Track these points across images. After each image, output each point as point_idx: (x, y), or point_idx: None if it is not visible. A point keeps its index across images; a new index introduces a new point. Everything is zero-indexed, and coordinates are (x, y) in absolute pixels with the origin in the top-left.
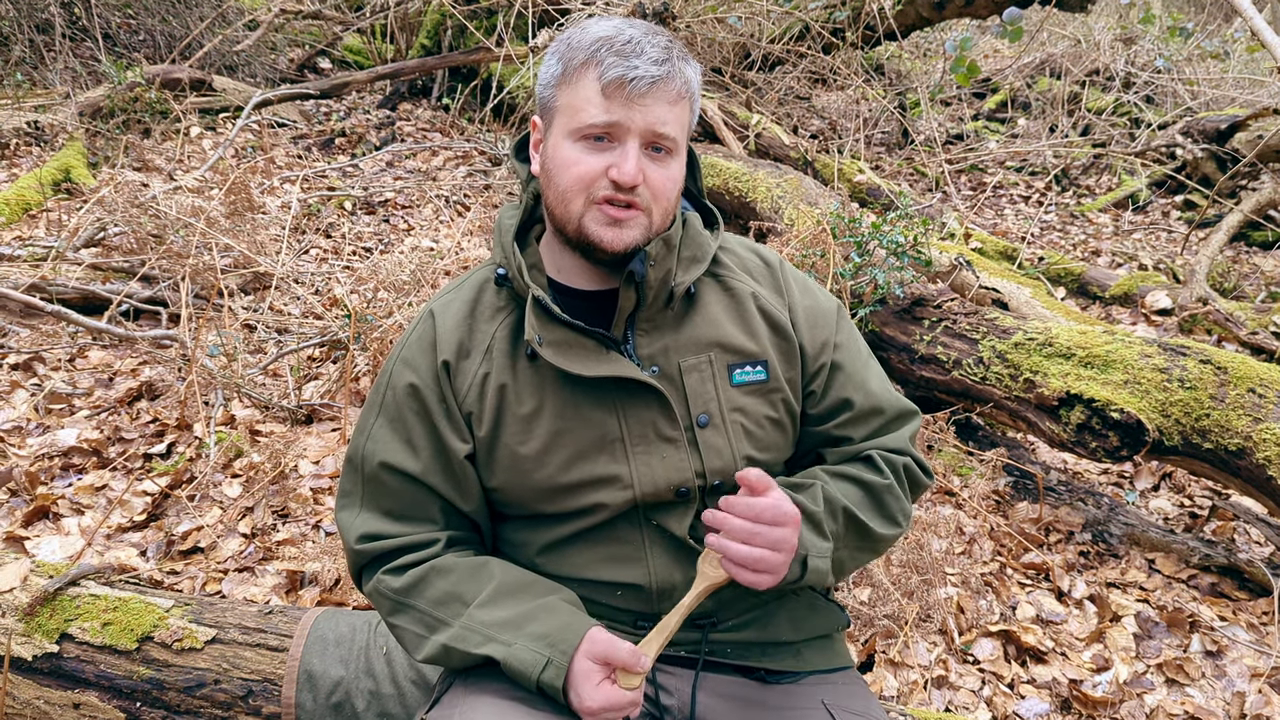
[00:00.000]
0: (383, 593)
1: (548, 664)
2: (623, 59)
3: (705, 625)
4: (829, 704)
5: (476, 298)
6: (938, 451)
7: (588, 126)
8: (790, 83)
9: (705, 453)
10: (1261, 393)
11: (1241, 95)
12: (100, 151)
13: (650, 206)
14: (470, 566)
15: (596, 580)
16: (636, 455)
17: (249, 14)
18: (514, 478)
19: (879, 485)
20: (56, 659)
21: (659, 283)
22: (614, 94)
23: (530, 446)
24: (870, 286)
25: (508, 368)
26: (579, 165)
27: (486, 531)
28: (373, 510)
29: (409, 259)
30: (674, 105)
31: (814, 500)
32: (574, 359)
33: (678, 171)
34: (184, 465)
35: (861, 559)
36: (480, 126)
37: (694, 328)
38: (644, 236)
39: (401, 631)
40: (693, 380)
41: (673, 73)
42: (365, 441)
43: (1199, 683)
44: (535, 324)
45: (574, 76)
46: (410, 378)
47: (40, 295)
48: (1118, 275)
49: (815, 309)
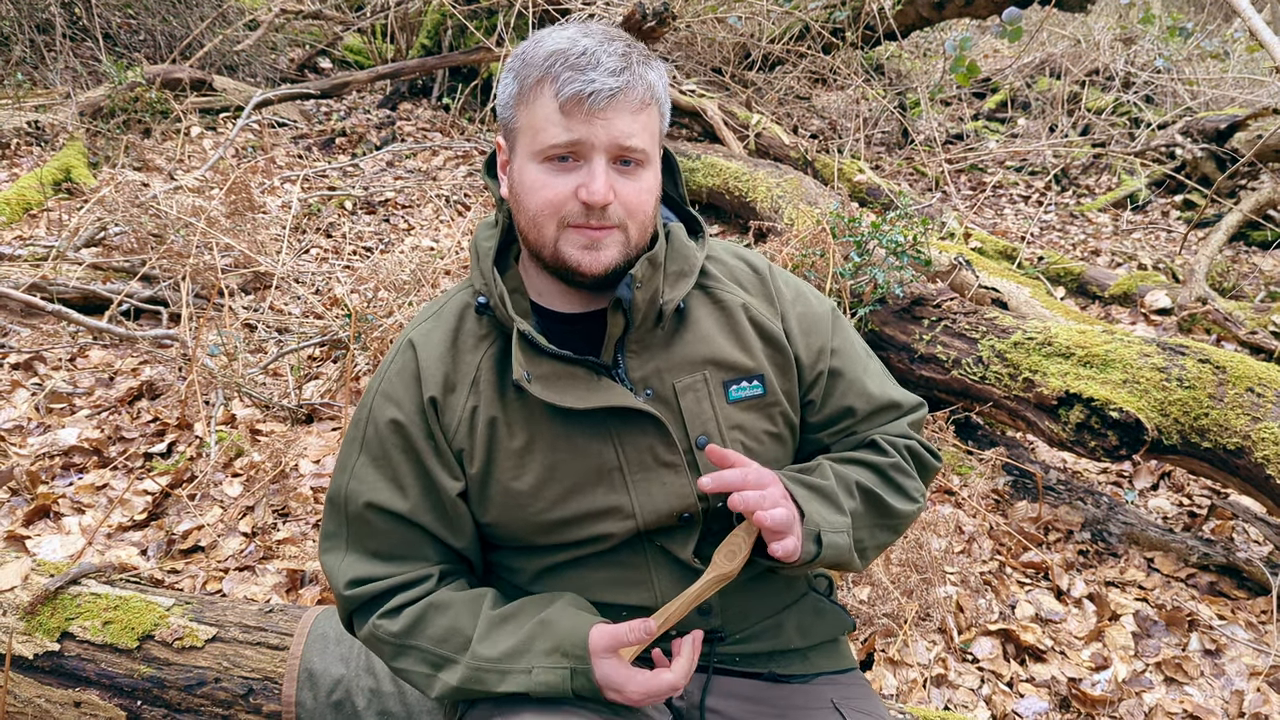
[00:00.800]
0: (381, 638)
1: (574, 673)
2: (578, 73)
3: (714, 639)
4: (838, 703)
5: (458, 326)
6: (937, 451)
7: (550, 147)
8: (790, 82)
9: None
10: (1260, 392)
11: (1241, 95)
12: (101, 151)
13: (625, 222)
14: (467, 600)
15: (600, 602)
16: (636, 484)
17: (249, 14)
18: (509, 514)
19: (885, 464)
20: (57, 657)
21: (647, 303)
22: (573, 111)
23: (525, 481)
24: (870, 286)
25: (496, 400)
26: (546, 189)
27: (478, 564)
28: (359, 552)
29: (409, 258)
30: (638, 114)
31: (823, 476)
32: (565, 392)
33: (651, 182)
34: (184, 464)
35: (883, 538)
36: (480, 126)
37: (686, 346)
38: (622, 255)
39: (409, 674)
40: (688, 401)
41: (632, 81)
42: (348, 481)
43: (1197, 681)
44: (522, 360)
45: (530, 95)
46: (393, 413)
47: (41, 295)
48: (1117, 275)
49: (809, 315)
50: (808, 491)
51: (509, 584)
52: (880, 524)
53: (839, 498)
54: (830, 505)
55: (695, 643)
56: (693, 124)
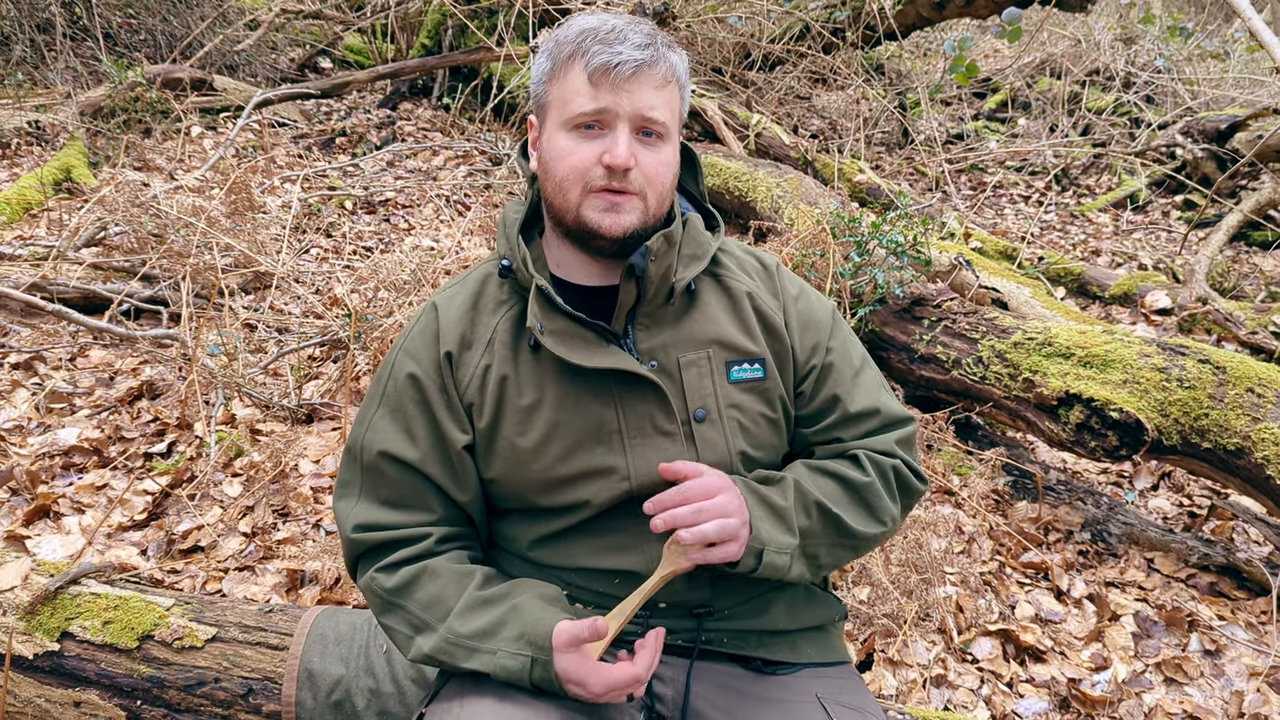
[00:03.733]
0: (375, 590)
1: (534, 663)
2: (606, 46)
3: (701, 614)
4: (823, 697)
5: (479, 291)
6: (937, 451)
7: (578, 115)
8: (790, 82)
9: (701, 447)
10: (1260, 392)
11: (1241, 95)
12: (101, 151)
13: (644, 190)
14: (458, 574)
15: (594, 569)
16: (633, 447)
17: (250, 14)
18: (511, 469)
19: (859, 482)
20: (57, 657)
21: (659, 278)
22: (600, 80)
23: (529, 438)
24: (870, 286)
25: (509, 360)
26: (573, 155)
27: (482, 525)
28: (370, 499)
29: (409, 258)
30: (661, 89)
31: (783, 494)
32: (575, 349)
33: (670, 156)
34: (184, 464)
35: (841, 555)
36: (481, 126)
37: (694, 324)
38: (640, 221)
39: (392, 631)
40: (691, 376)
41: (657, 57)
42: (365, 431)
43: (1197, 682)
44: (539, 313)
45: (562, 70)
46: (412, 368)
47: (41, 294)
48: (1117, 275)
49: (809, 313)
50: (761, 507)
51: (508, 553)
52: (838, 543)
53: (791, 517)
54: (780, 524)
55: (658, 637)
56: (693, 124)
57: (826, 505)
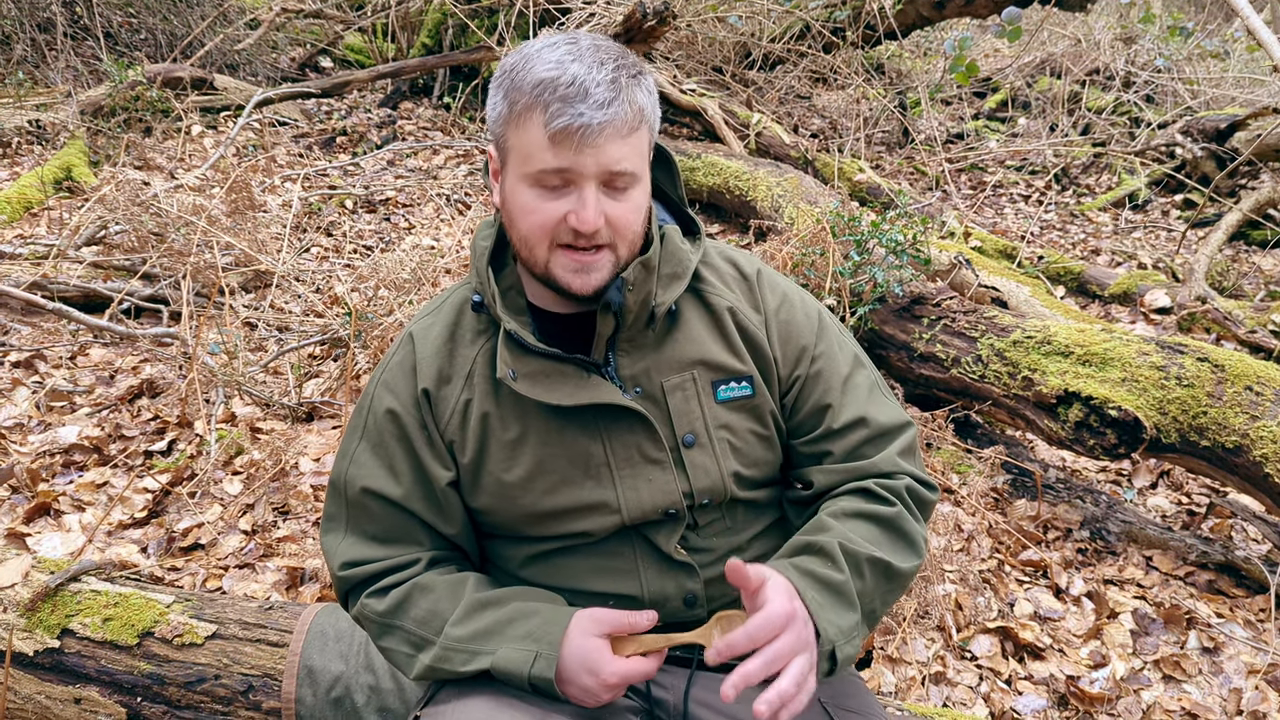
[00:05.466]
0: (368, 617)
1: (537, 657)
2: (567, 105)
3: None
4: (825, 702)
5: (456, 320)
6: (936, 449)
7: (540, 173)
8: (791, 82)
9: (692, 472)
10: (1259, 390)
11: (1241, 95)
12: (101, 150)
13: (615, 241)
14: (450, 583)
15: (588, 591)
16: (623, 479)
17: (250, 13)
18: (499, 502)
19: (889, 515)
20: (58, 654)
21: (639, 305)
22: (563, 142)
23: (515, 474)
24: (869, 285)
25: (489, 394)
26: (537, 213)
27: (473, 552)
28: (356, 535)
29: (410, 257)
30: (628, 138)
31: (835, 565)
32: (553, 388)
33: (640, 199)
34: (185, 462)
35: (891, 599)
36: (481, 125)
37: (676, 346)
38: (612, 273)
39: (392, 654)
40: (676, 400)
41: (621, 110)
42: (348, 466)
43: (1196, 679)
44: (508, 359)
45: (520, 120)
46: (390, 403)
47: (42, 293)
48: (1117, 274)
49: (790, 322)
50: (821, 592)
51: (501, 570)
52: (889, 589)
53: (850, 589)
54: (841, 603)
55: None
56: (693, 123)
57: (875, 555)
